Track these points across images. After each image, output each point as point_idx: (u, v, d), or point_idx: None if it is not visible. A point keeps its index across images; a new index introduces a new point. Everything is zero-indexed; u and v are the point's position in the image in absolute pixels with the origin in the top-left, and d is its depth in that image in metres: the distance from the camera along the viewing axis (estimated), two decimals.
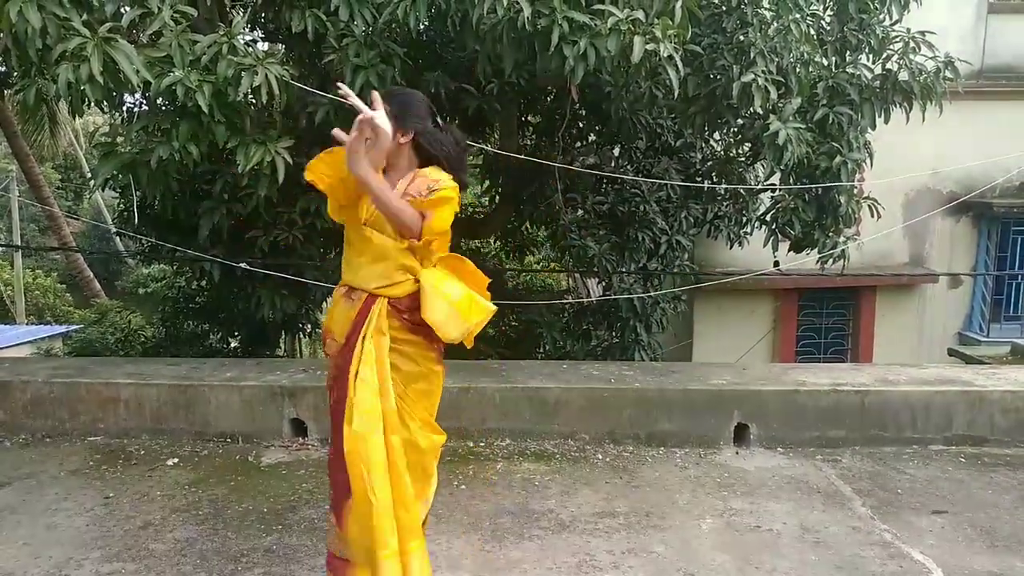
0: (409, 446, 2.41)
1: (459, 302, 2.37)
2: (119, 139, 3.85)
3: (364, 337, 2.34)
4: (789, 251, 5.84)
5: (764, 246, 5.80)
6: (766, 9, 4.45)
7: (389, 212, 2.27)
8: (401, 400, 2.41)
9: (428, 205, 2.32)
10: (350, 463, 2.28)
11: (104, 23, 3.20)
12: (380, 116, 2.18)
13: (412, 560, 2.35)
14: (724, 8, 4.51)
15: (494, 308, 2.46)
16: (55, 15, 3.09)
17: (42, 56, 3.14)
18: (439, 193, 2.33)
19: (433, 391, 2.52)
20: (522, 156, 5.65)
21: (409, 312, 2.38)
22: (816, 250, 5.57)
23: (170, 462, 3.85)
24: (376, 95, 2.24)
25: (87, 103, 3.44)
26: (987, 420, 4.15)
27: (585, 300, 7.27)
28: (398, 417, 2.38)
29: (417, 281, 2.37)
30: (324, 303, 7.83)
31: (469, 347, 2.48)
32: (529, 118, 6.89)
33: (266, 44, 6.26)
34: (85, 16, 3.23)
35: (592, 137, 6.93)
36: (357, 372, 2.32)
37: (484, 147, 6.05)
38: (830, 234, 5.49)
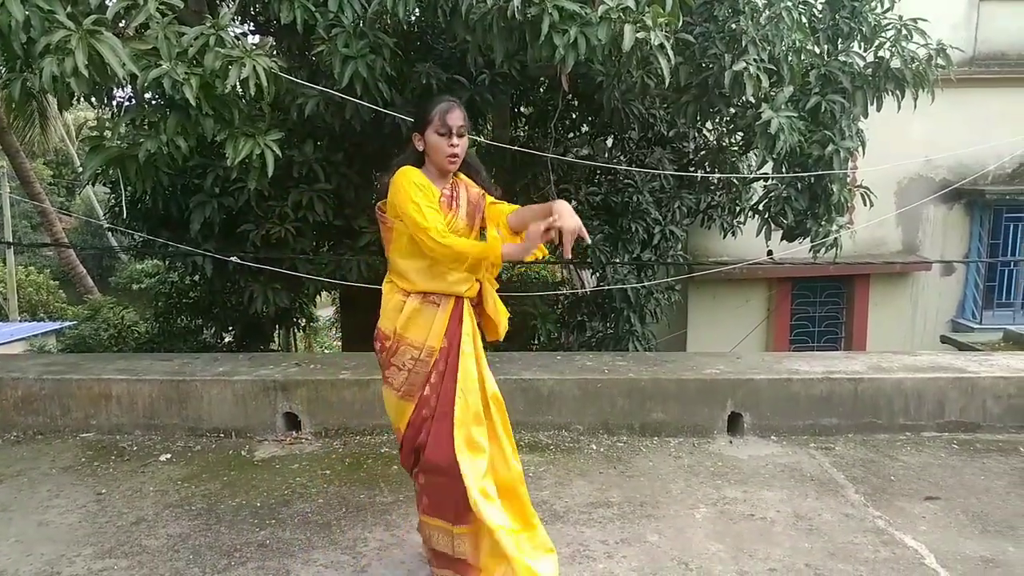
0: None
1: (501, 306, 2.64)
2: (106, 133, 3.81)
3: (473, 340, 2.53)
4: (782, 240, 5.84)
5: (757, 235, 5.81)
6: None
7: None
8: None
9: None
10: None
11: (89, 15, 3.15)
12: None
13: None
14: None
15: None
16: (39, 8, 3.05)
17: (27, 50, 3.11)
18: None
19: None
20: (515, 147, 5.63)
21: (478, 300, 2.60)
22: (809, 239, 5.57)
23: (163, 458, 3.84)
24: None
25: (75, 97, 3.41)
26: (980, 406, 4.17)
27: (579, 291, 7.26)
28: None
29: (478, 280, 2.55)
30: (318, 297, 7.81)
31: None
32: (521, 109, 6.87)
33: (257, 36, 6.23)
34: (69, 8, 3.19)
35: (585, 128, 6.91)
36: (483, 378, 2.57)
37: (477, 138, 6.03)
38: (823, 223, 5.50)
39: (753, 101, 4.61)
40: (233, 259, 5.04)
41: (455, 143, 2.43)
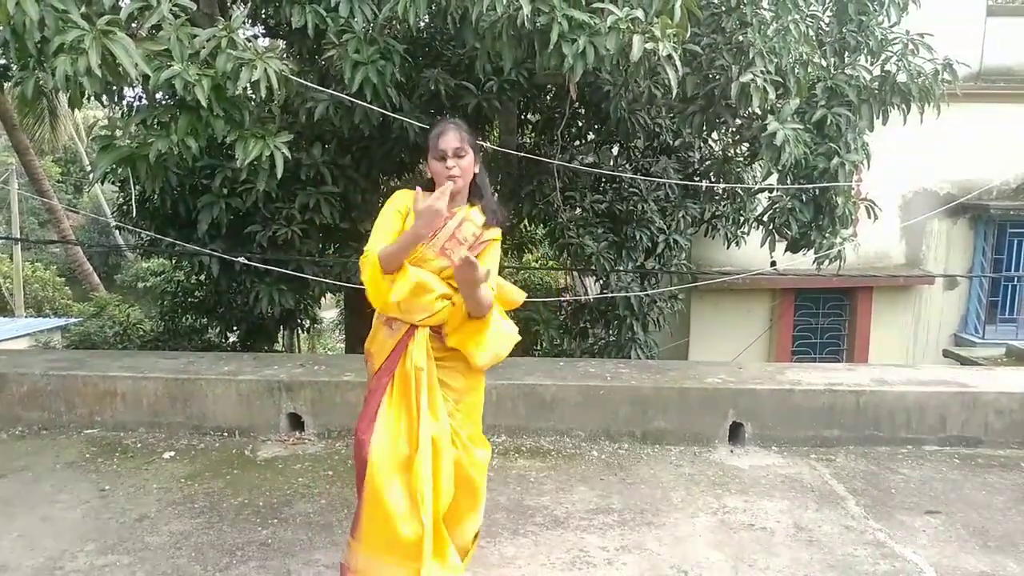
0: (458, 465, 2.48)
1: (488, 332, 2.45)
2: (117, 132, 3.84)
3: (416, 366, 2.41)
4: (786, 251, 5.85)
5: (761, 246, 5.81)
6: (765, 9, 4.46)
7: (481, 305, 2.35)
8: (451, 418, 2.47)
9: (486, 260, 2.43)
10: (420, 494, 2.36)
11: (103, 15, 3.19)
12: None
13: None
14: (723, 8, 4.52)
15: (518, 337, 2.57)
16: (53, 7, 3.09)
17: (40, 48, 3.14)
18: (493, 247, 2.48)
19: (480, 403, 2.60)
20: (521, 154, 5.65)
21: (440, 333, 2.46)
22: (813, 250, 5.58)
23: (167, 455, 3.86)
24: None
25: (86, 96, 3.44)
26: (981, 421, 4.17)
27: (582, 298, 7.27)
28: (449, 437, 2.45)
29: (454, 304, 2.43)
30: (323, 298, 7.83)
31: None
32: (528, 116, 6.90)
33: (267, 40, 6.27)
34: (84, 8, 3.22)
35: (591, 136, 6.93)
36: (419, 403, 2.39)
37: (483, 144, 6.06)
38: (827, 235, 5.50)
39: (759, 113, 4.62)
40: (240, 259, 5.07)
41: (450, 165, 2.41)
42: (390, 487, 2.35)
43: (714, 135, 6.21)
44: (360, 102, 4.17)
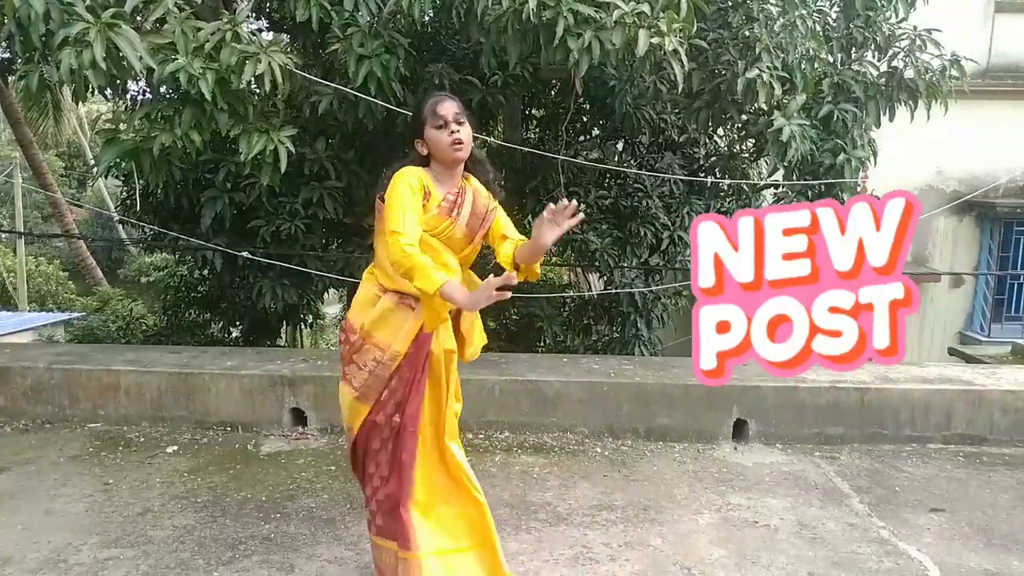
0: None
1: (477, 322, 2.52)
2: (122, 126, 3.83)
3: (445, 348, 2.39)
4: None
5: None
6: (772, 5, 4.43)
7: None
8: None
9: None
10: (463, 473, 2.46)
11: (107, 8, 3.19)
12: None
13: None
14: (730, 3, 4.50)
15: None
16: (58, 0, 3.08)
17: (45, 41, 3.14)
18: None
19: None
20: (525, 149, 5.64)
21: (455, 316, 2.45)
22: None
23: (170, 449, 3.87)
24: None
25: (90, 89, 3.43)
26: (986, 419, 4.15)
27: (586, 294, 7.26)
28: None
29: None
30: (325, 294, 7.82)
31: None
32: (533, 111, 6.89)
33: (271, 33, 6.26)
34: (88, 1, 3.22)
35: (596, 131, 6.92)
36: (449, 389, 2.42)
37: (488, 139, 6.05)
38: None
39: (765, 108, 4.60)
40: (243, 254, 5.07)
41: (455, 130, 2.30)
42: (439, 475, 2.43)
43: (720, 131, 6.19)
44: (364, 96, 4.16)
